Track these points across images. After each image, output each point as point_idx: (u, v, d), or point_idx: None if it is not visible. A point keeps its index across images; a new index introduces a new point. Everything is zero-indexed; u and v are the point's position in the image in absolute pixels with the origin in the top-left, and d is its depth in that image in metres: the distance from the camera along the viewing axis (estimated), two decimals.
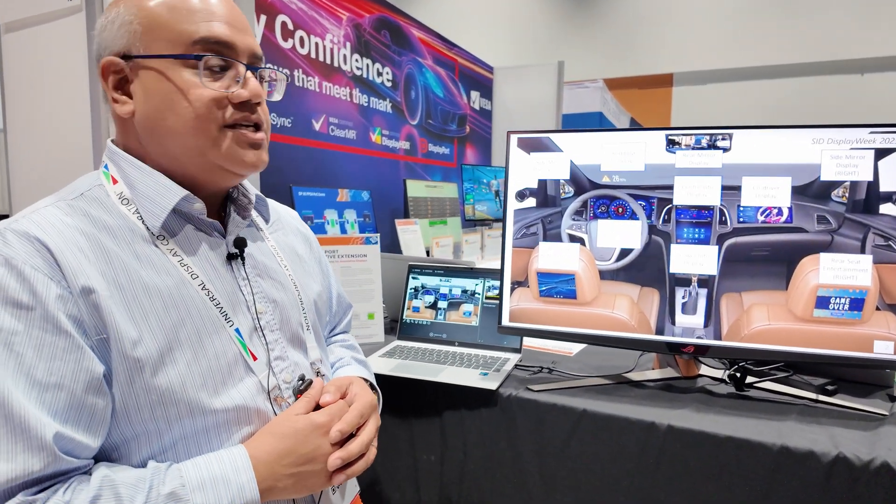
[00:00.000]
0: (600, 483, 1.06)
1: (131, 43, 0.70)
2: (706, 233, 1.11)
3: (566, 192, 1.19)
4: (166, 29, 0.69)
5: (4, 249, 0.60)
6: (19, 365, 0.57)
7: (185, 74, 0.69)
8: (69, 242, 0.63)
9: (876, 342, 1.02)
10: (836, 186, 1.04)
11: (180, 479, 0.62)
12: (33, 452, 0.56)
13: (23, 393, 0.56)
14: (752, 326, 1.07)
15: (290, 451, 0.70)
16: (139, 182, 0.72)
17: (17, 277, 0.59)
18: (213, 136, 0.71)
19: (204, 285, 0.72)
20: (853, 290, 1.03)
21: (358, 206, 2.50)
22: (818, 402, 1.09)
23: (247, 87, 0.72)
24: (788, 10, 6.58)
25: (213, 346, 0.70)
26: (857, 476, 0.87)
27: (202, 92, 0.70)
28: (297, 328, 0.83)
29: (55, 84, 1.76)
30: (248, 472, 0.65)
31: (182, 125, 0.70)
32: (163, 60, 0.69)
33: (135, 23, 0.70)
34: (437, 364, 1.28)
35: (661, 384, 1.21)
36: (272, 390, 0.75)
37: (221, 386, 0.70)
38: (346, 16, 2.66)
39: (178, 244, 0.72)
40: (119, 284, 0.64)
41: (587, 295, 1.18)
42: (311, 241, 1.00)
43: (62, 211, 0.67)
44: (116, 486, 0.59)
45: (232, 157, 0.72)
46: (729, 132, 1.10)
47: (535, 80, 3.99)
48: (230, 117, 0.72)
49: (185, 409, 0.66)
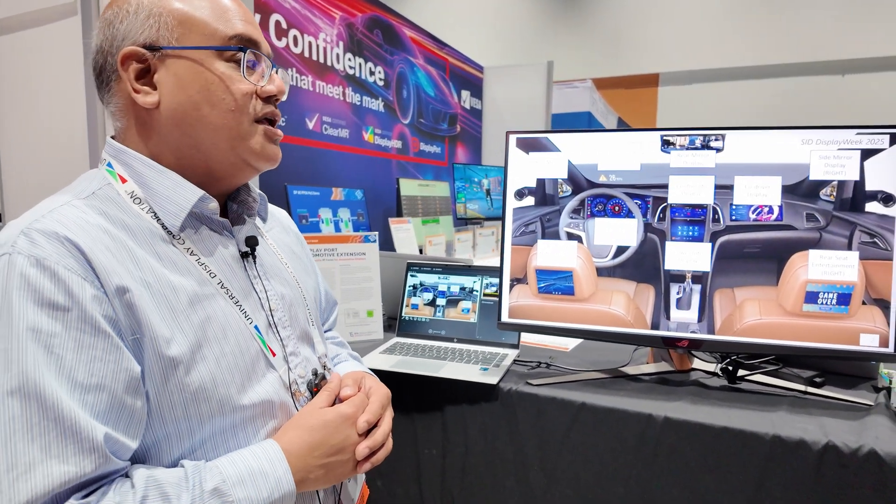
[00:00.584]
0: (599, 474, 1.09)
1: (160, 34, 0.70)
2: (700, 230, 1.14)
3: (564, 191, 1.22)
4: (201, 23, 0.71)
5: (35, 250, 0.59)
6: (60, 367, 0.56)
7: (221, 67, 0.71)
8: (97, 242, 0.62)
9: (862, 335, 1.06)
10: (824, 185, 1.08)
11: (220, 475, 0.62)
12: (85, 454, 0.55)
13: (67, 395, 0.56)
14: (745, 321, 1.11)
15: (322, 442, 0.71)
16: (154, 181, 0.71)
17: (51, 278, 0.58)
18: (246, 130, 0.73)
19: (223, 283, 0.73)
20: (840, 286, 1.07)
21: (352, 205, 2.51)
22: (807, 393, 1.12)
23: (273, 83, 0.75)
24: (772, 13, 6.69)
25: (238, 343, 0.71)
26: (846, 463, 0.91)
27: (241, 85, 0.72)
28: (304, 324, 0.85)
29: (50, 85, 1.75)
30: (283, 464, 0.67)
31: (218, 116, 0.71)
32: (200, 52, 0.70)
33: (165, 15, 0.70)
34: (438, 360, 1.30)
35: (656, 378, 1.24)
36: (291, 384, 0.77)
37: (248, 382, 0.70)
38: (338, 15, 2.67)
39: (193, 243, 0.73)
40: (147, 284, 0.64)
41: (585, 291, 1.21)
42: (300, 239, 1.02)
43: (80, 210, 0.65)
44: (162, 485, 0.59)
45: (259, 152, 0.75)
46: (722, 133, 1.14)
47: (525, 79, 4.02)
48: (260, 111, 0.74)
49: (216, 405, 0.66)
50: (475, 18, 7.90)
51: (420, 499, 1.26)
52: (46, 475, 0.53)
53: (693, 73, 7.21)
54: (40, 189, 1.80)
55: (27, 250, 0.58)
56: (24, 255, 0.58)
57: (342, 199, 2.46)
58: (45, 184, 1.81)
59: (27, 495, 0.53)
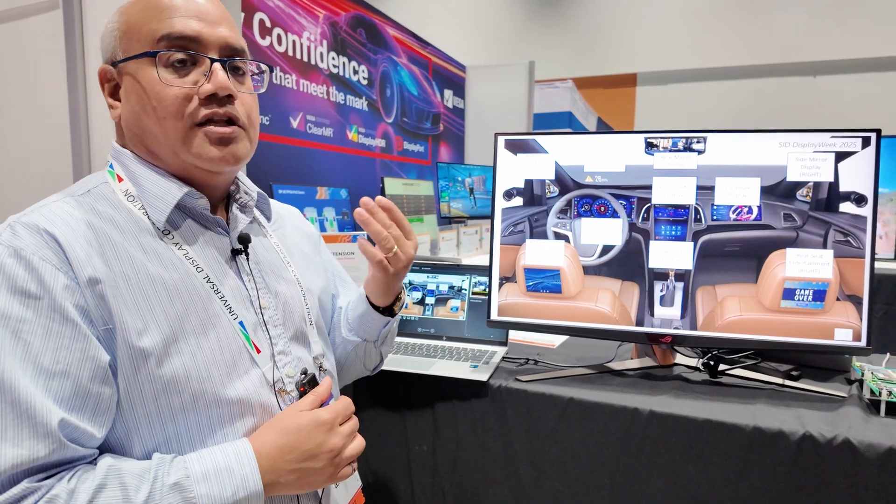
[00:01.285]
0: (587, 466, 1.12)
1: (115, 48, 0.72)
2: (682, 230, 1.18)
3: (551, 192, 1.25)
4: (136, 30, 0.71)
5: (14, 241, 0.62)
6: (27, 353, 0.58)
7: (153, 73, 0.70)
8: (77, 234, 0.64)
9: (836, 330, 1.11)
10: (800, 186, 1.13)
11: (185, 469, 0.62)
12: (39, 438, 0.56)
13: (30, 380, 0.57)
14: (726, 317, 1.15)
15: (294, 446, 0.70)
16: (143, 179, 0.73)
17: (25, 267, 0.60)
18: (183, 135, 0.71)
19: (209, 278, 0.73)
20: (816, 283, 1.12)
21: (336, 204, 2.52)
22: (785, 386, 1.17)
23: (212, 81, 0.71)
24: (745, 15, 6.83)
25: (217, 338, 0.71)
26: (822, 452, 0.95)
27: (163, 89, 0.69)
28: (300, 323, 0.85)
29: (31, 80, 1.73)
30: (251, 463, 0.66)
31: (154, 125, 0.71)
32: (133, 62, 0.71)
33: (117, 29, 0.72)
34: (428, 358, 1.32)
35: (640, 372, 1.28)
36: (276, 383, 0.76)
37: (226, 377, 0.70)
38: (322, 14, 2.66)
39: (183, 238, 0.74)
40: (125, 276, 0.66)
41: (572, 289, 1.24)
42: (315, 240, 1.01)
43: (70, 205, 0.68)
44: (122, 475, 0.60)
45: (200, 156, 0.72)
46: (703, 136, 1.17)
47: (507, 79, 4.05)
48: (199, 114, 0.71)
49: (189, 399, 0.67)
50: (456, 17, 7.92)
51: (411, 494, 1.28)
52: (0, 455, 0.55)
53: (670, 73, 7.33)
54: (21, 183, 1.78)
55: (7, 241, 0.62)
56: (4, 245, 0.61)
57: (327, 198, 2.47)
58: (25, 178, 1.78)
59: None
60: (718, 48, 6.99)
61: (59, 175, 1.69)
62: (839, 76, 6.59)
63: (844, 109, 6.50)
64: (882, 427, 0.98)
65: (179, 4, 0.72)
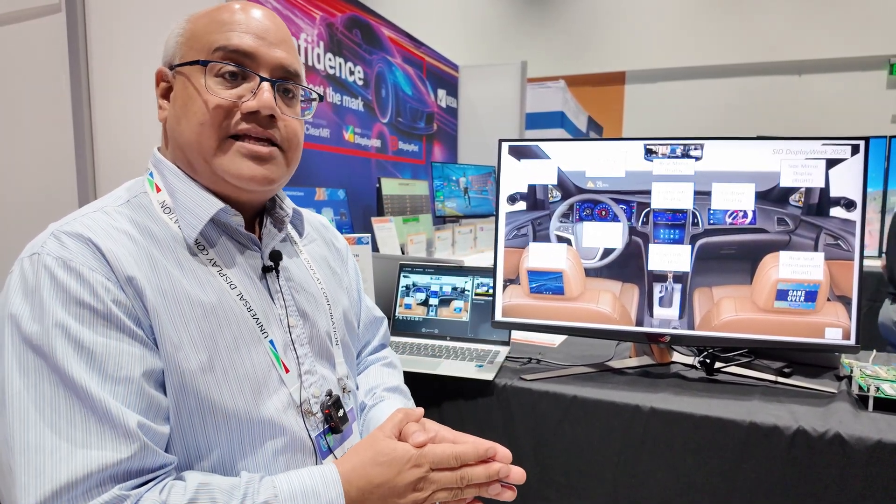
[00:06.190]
0: (590, 462, 1.16)
1: (175, 53, 0.74)
2: (680, 234, 1.23)
3: (554, 197, 1.29)
4: (197, 39, 0.73)
5: (62, 252, 0.62)
6: (91, 361, 0.59)
7: (203, 81, 0.71)
8: (119, 246, 0.65)
9: (827, 329, 1.17)
10: (793, 192, 1.18)
11: (273, 489, 0.63)
12: (121, 440, 0.57)
13: (98, 387, 0.58)
14: (722, 317, 1.20)
15: (384, 480, 0.68)
16: (179, 192, 0.73)
17: (76, 278, 0.61)
18: (217, 145, 0.71)
19: (242, 296, 0.73)
20: (808, 284, 1.17)
21: (335, 205, 2.54)
22: (777, 383, 1.22)
23: (256, 99, 0.71)
24: (731, 15, 6.92)
25: (249, 357, 0.71)
26: (814, 445, 1.00)
27: (208, 97, 0.71)
28: (326, 342, 0.84)
29: (34, 83, 1.73)
30: (337, 487, 0.65)
31: (189, 129, 0.72)
32: (187, 68, 0.73)
33: (180, 35, 0.74)
34: (434, 358, 1.36)
35: (639, 371, 1.32)
36: (303, 403, 0.76)
37: (256, 396, 0.70)
38: (319, 15, 2.68)
39: (217, 255, 0.74)
40: (163, 290, 0.66)
41: (574, 291, 1.28)
42: (342, 253, 1.00)
43: (109, 217, 0.68)
44: (212, 490, 0.60)
45: (229, 168, 0.72)
46: (700, 142, 1.22)
47: (499, 79, 4.08)
48: (237, 127, 0.72)
49: (221, 417, 0.67)
50: (448, 16, 7.93)
51: None
52: (85, 458, 0.56)
53: (657, 71, 7.41)
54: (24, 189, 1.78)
55: (55, 252, 0.62)
56: (52, 256, 0.62)
57: (325, 198, 2.49)
58: (28, 183, 1.79)
59: (67, 477, 0.55)
60: (705, 47, 7.08)
61: (61, 180, 1.70)
62: (824, 75, 6.71)
63: (829, 108, 6.62)
64: (870, 421, 1.03)
65: (242, 20, 0.73)
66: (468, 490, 0.72)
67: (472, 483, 0.72)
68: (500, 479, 0.73)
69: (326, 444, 0.79)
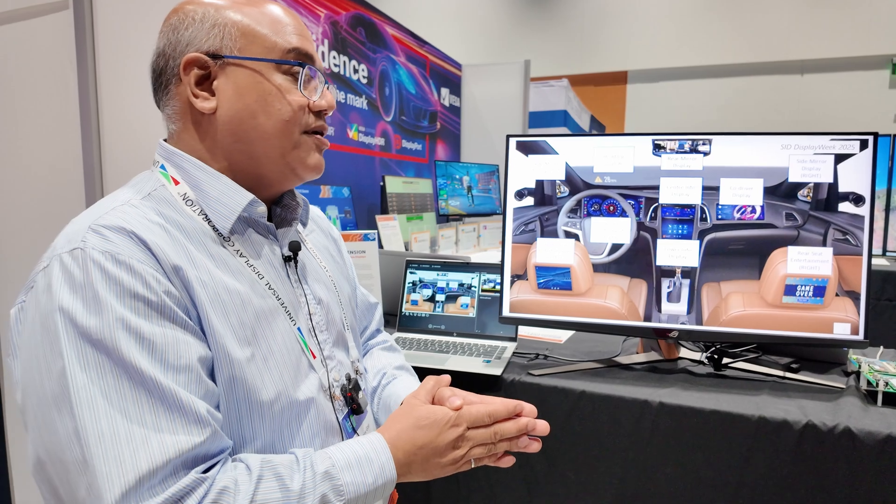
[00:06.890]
0: (598, 457, 1.16)
1: (224, 44, 0.73)
2: (689, 229, 1.23)
3: (562, 192, 1.29)
4: (262, 36, 0.74)
5: (108, 245, 0.62)
6: (153, 351, 0.60)
7: (278, 79, 0.74)
8: (159, 238, 0.65)
9: (835, 324, 1.17)
10: (801, 187, 1.18)
11: (329, 459, 0.66)
12: (192, 425, 0.59)
13: (164, 376, 0.59)
14: (730, 312, 1.20)
15: (426, 442, 0.73)
16: (206, 184, 0.73)
17: (127, 271, 0.61)
18: (295, 140, 0.76)
19: (270, 285, 0.75)
20: (816, 279, 1.17)
21: (339, 203, 2.55)
22: (786, 378, 1.22)
23: (325, 98, 0.78)
24: (734, 14, 6.92)
25: (285, 345, 0.73)
26: (824, 440, 1.00)
27: (296, 97, 0.75)
28: (340, 328, 0.87)
29: (41, 81, 1.73)
30: (385, 452, 0.70)
31: (272, 126, 0.74)
32: (261, 63, 0.73)
33: (229, 26, 0.73)
34: (441, 353, 1.36)
35: (647, 366, 1.32)
36: (330, 387, 0.79)
37: (294, 383, 0.73)
38: (323, 13, 2.68)
39: (242, 246, 0.75)
40: (203, 282, 0.67)
41: (582, 286, 1.28)
42: (338, 242, 1.04)
43: (140, 209, 0.68)
44: (275, 466, 0.63)
45: (305, 161, 0.78)
46: (709, 138, 1.22)
47: (503, 77, 4.09)
48: (311, 124, 0.77)
49: (266, 404, 0.69)
50: (452, 15, 7.94)
51: (427, 483, 1.32)
52: (162, 444, 0.57)
53: (659, 70, 7.41)
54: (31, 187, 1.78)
55: (101, 246, 0.61)
56: (99, 250, 0.61)
57: (330, 196, 2.49)
58: (35, 181, 1.79)
59: (148, 464, 0.56)
60: (708, 47, 7.08)
61: (69, 178, 1.70)
62: (826, 75, 6.71)
63: (831, 108, 6.62)
64: (879, 416, 1.03)
65: (291, 20, 0.77)
66: (500, 444, 0.79)
67: (503, 437, 0.78)
68: (528, 431, 0.80)
69: (351, 426, 0.82)
